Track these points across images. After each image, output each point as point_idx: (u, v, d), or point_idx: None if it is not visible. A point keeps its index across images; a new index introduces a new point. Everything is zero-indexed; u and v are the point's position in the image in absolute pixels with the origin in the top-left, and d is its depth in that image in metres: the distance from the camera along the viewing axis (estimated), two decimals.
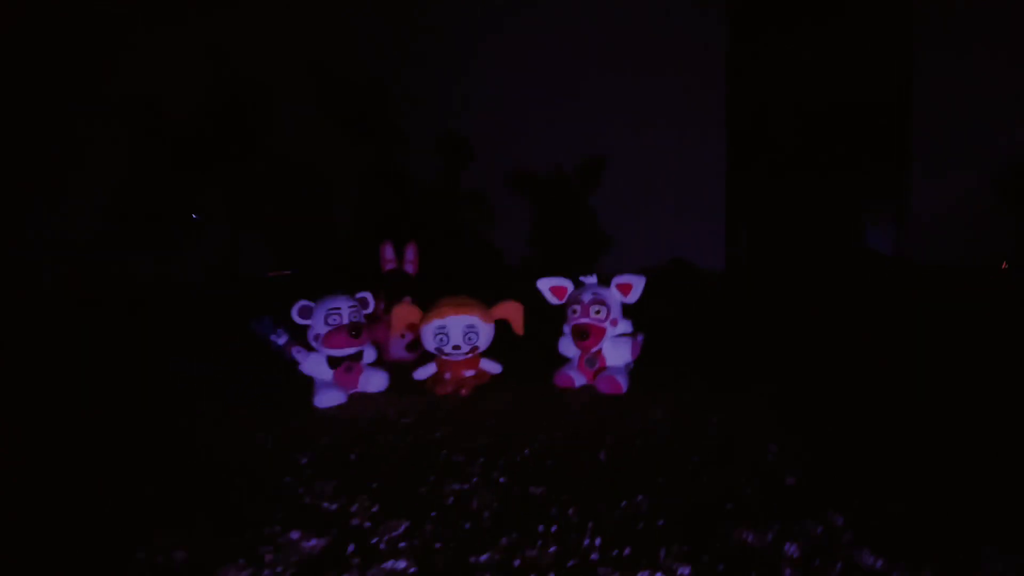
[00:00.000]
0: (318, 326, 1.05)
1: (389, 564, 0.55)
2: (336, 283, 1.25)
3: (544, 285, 1.16)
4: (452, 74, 3.76)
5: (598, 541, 0.56)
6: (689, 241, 3.42)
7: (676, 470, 0.72)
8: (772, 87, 3.26)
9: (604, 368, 1.10)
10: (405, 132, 3.79)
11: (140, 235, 3.36)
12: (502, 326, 1.16)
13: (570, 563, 0.53)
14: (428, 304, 1.14)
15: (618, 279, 1.11)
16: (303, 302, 1.05)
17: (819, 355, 1.27)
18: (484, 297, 1.16)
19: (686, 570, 0.51)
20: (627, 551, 0.54)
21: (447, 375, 1.13)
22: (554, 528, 0.59)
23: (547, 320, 1.20)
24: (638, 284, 1.09)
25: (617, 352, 1.10)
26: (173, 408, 1.08)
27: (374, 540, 0.59)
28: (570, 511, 0.63)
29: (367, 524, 0.62)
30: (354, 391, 1.10)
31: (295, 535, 0.60)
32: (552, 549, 0.55)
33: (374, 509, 0.65)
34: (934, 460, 0.73)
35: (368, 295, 1.14)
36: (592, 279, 1.14)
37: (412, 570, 0.54)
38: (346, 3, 3.69)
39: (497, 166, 3.79)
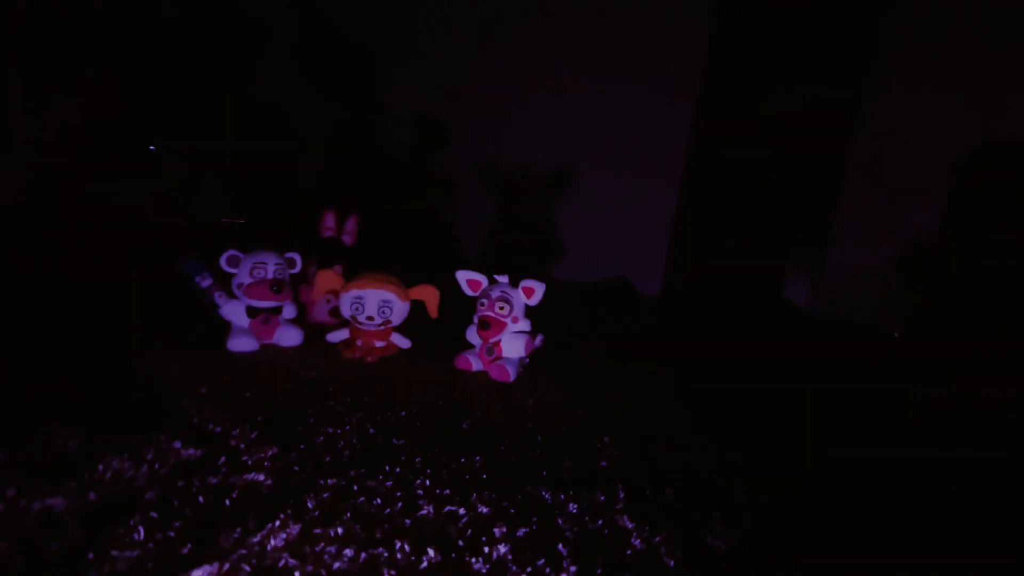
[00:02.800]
0: (243, 276, 1.14)
1: (250, 476, 0.66)
2: (278, 240, 1.34)
3: (462, 277, 1.29)
4: (443, 58, 3.83)
5: (427, 482, 0.70)
6: (632, 263, 3.64)
7: (518, 443, 0.86)
8: (730, 135, 3.51)
9: (500, 358, 1.24)
10: (385, 105, 3.82)
11: (95, 158, 3.27)
12: (418, 306, 1.28)
13: (398, 494, 0.66)
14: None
15: (524, 283, 1.25)
16: (232, 251, 1.14)
17: (711, 384, 1.42)
18: (419, 279, 1.27)
19: (486, 509, 0.65)
20: (447, 492, 0.68)
21: (359, 342, 1.24)
22: (397, 469, 0.72)
23: (460, 308, 1.32)
24: (540, 289, 1.23)
25: (513, 346, 1.24)
26: (103, 329, 1.14)
27: (244, 458, 0.70)
28: (417, 460, 0.76)
29: (242, 445, 0.73)
30: (268, 342, 1.20)
31: (177, 444, 0.71)
32: (388, 483, 0.68)
33: (252, 436, 0.76)
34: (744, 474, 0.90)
35: (296, 256, 1.24)
36: (504, 279, 1.27)
37: (268, 482, 0.66)
38: None
39: (470, 158, 3.89)
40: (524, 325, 1.27)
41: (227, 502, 0.60)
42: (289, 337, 1.21)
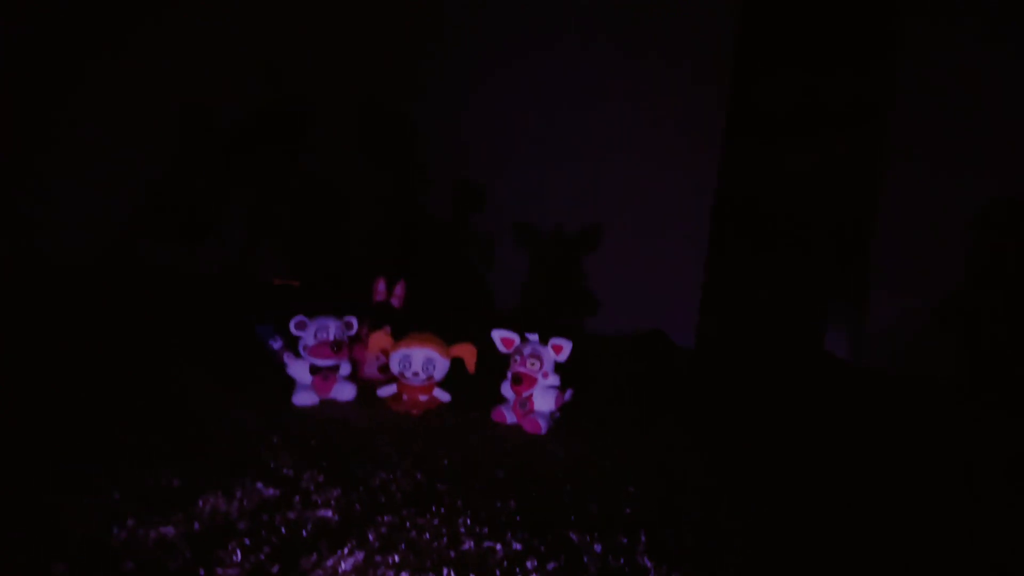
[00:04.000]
0: (308, 338, 1.31)
1: (320, 512, 0.78)
2: (332, 303, 1.51)
3: (497, 335, 1.42)
4: (479, 121, 4.12)
5: (468, 520, 0.80)
6: (667, 315, 3.69)
7: (549, 488, 0.95)
8: (756, 188, 3.61)
9: (532, 411, 1.34)
10: (427, 171, 4.14)
11: (164, 223, 3.64)
12: (458, 363, 1.41)
13: (443, 530, 0.77)
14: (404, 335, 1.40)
15: (553, 340, 1.36)
16: (300, 317, 1.31)
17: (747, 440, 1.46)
18: (459, 338, 1.41)
19: (519, 546, 0.74)
20: (485, 530, 0.78)
21: (405, 396, 1.37)
22: (442, 509, 0.83)
23: (496, 365, 1.44)
24: (567, 346, 1.34)
25: (544, 400, 1.34)
26: (179, 385, 1.32)
27: (314, 497, 0.83)
28: (458, 502, 0.86)
29: (311, 487, 0.86)
30: (326, 397, 1.35)
31: (259, 484, 0.84)
32: (435, 521, 0.79)
33: (319, 478, 0.89)
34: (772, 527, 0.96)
35: (354, 319, 1.40)
36: (534, 336, 1.39)
37: (335, 518, 0.77)
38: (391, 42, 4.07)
39: (506, 219, 4.12)
40: (554, 380, 1.37)
41: (304, 533, 0.72)
42: (345, 392, 1.35)
